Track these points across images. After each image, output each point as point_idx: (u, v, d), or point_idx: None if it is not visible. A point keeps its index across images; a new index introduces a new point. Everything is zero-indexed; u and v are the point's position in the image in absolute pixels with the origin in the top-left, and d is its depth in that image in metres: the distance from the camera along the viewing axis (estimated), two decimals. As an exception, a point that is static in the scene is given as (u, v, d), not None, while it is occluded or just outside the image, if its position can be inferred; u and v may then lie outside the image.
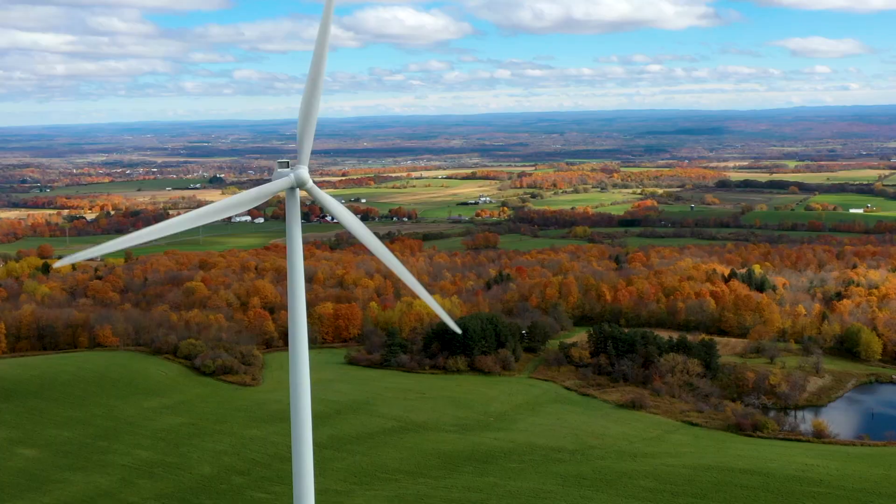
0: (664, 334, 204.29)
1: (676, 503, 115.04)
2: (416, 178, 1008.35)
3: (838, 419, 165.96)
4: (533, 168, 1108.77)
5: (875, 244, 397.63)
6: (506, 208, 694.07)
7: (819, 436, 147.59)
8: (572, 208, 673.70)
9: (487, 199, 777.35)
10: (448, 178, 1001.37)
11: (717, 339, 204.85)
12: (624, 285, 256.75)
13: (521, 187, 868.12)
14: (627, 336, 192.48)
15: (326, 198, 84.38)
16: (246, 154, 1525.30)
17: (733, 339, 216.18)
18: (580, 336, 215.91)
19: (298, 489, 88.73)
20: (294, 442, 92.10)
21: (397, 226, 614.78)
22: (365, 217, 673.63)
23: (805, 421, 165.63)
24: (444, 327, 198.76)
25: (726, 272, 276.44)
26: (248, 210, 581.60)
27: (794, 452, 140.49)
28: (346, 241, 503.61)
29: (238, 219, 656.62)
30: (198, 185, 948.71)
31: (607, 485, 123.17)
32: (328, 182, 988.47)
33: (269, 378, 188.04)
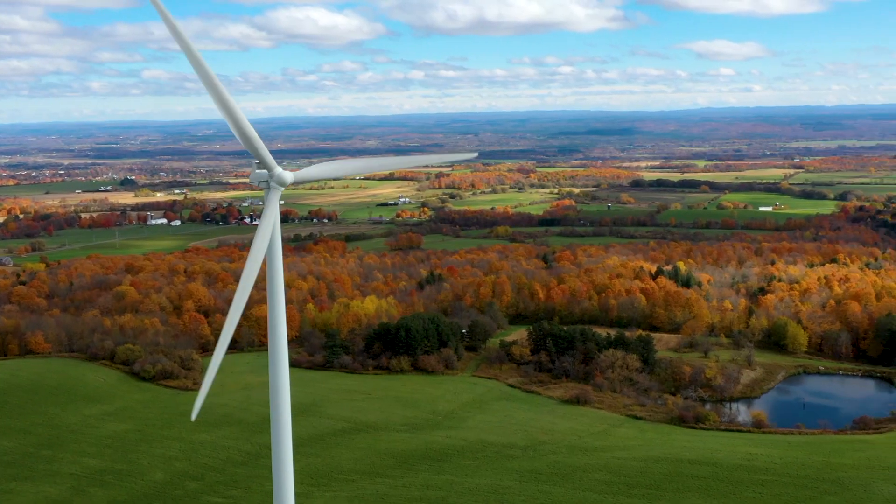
0: (599, 331, 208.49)
1: (632, 494, 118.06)
2: (335, 179, 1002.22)
3: (773, 409, 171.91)
4: (450, 169, 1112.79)
5: (787, 241, 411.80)
6: (426, 209, 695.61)
7: (759, 426, 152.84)
8: (492, 208, 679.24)
9: (407, 199, 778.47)
10: (366, 179, 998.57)
11: (651, 334, 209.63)
12: (556, 284, 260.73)
13: (440, 188, 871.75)
14: (567, 333, 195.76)
15: (311, 170, 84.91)
16: (157, 156, 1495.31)
17: (666, 335, 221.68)
18: (519, 334, 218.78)
19: (279, 492, 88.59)
20: (273, 445, 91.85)
21: (318, 227, 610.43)
22: (285, 218, 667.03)
23: (741, 412, 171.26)
24: (385, 328, 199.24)
25: (653, 269, 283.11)
26: (165, 213, 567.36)
27: (737, 442, 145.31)
28: (283, 240, 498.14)
29: (154, 221, 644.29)
30: (108, 188, 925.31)
31: (563, 479, 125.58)
32: (244, 183, 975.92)
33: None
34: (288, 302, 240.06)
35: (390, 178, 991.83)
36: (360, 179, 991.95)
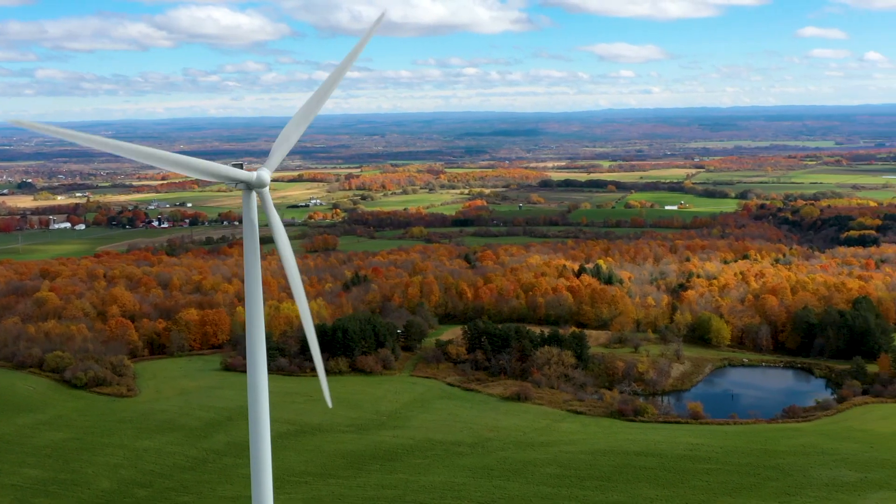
0: (532, 329, 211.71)
1: (584, 486, 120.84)
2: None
3: (704, 401, 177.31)
4: (359, 170, 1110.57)
5: (698, 238, 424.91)
6: (338, 210, 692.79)
7: (696, 417, 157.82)
8: (405, 209, 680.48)
9: (318, 201, 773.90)
10: (274, 180, 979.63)
11: (584, 331, 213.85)
12: (483, 283, 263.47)
13: (351, 189, 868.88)
14: (501, 332, 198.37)
15: (271, 207, 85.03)
16: (53, 157, 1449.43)
17: (595, 332, 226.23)
18: (452, 333, 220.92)
19: (257, 494, 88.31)
20: (252, 448, 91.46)
21: (229, 230, 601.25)
22: (194, 221, 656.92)
23: (673, 405, 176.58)
24: (322, 329, 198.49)
25: (575, 267, 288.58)
26: (68, 216, 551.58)
27: (677, 434, 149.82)
28: (180, 246, 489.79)
29: (57, 225, 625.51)
30: (5, 191, 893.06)
31: (515, 474, 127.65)
32: (148, 186, 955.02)
33: (145, 388, 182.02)
34: (215, 306, 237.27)
35: (299, 179, 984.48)
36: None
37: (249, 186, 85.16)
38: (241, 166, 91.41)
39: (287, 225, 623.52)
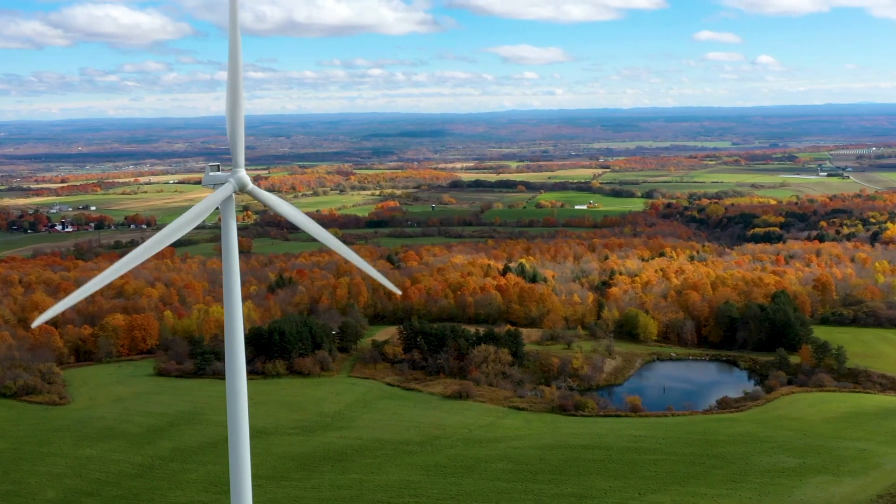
0: (466, 328, 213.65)
1: (538, 480, 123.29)
2: (147, 184, 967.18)
3: (637, 394, 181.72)
4: (266, 171, 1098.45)
5: (610, 237, 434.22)
6: (249, 212, 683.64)
7: (635, 410, 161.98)
8: (317, 211, 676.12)
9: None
10: (181, 182, 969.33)
11: (519, 329, 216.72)
12: (410, 284, 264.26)
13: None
14: (437, 331, 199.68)
15: (268, 196, 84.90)
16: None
17: (526, 329, 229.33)
18: (384, 334, 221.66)
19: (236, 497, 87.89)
20: (231, 453, 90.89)
21: (137, 233, 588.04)
22: (100, 225, 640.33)
23: (608, 399, 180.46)
24: (258, 332, 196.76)
25: (500, 266, 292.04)
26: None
27: (619, 427, 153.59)
28: (89, 250, 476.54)
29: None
30: None
31: (468, 471, 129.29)
32: (48, 189, 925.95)
33: (77, 395, 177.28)
34: (140, 311, 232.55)
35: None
36: (174, 184, 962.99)
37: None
38: (217, 168, 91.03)
39: (198, 228, 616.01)
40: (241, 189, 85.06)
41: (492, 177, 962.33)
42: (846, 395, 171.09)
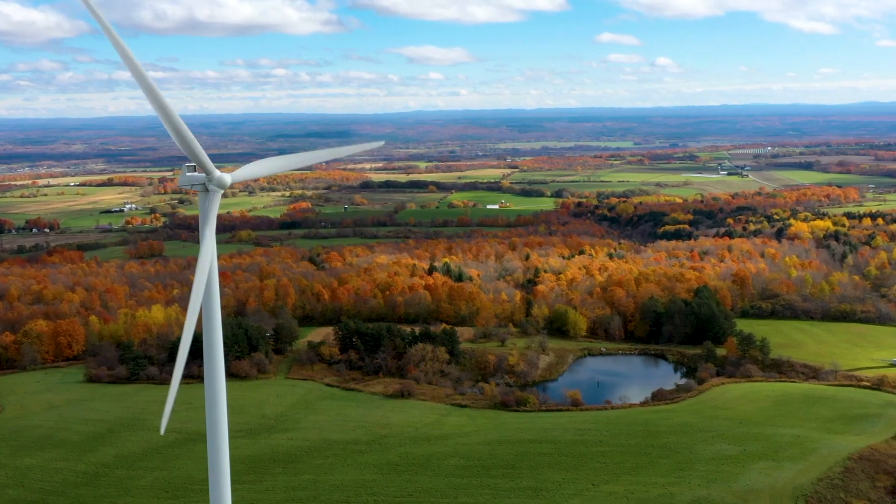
0: (401, 328, 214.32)
1: (492, 475, 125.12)
2: (46, 186, 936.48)
3: (572, 389, 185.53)
4: (171, 173, 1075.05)
5: (528, 235, 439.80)
6: (158, 215, 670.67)
7: (575, 404, 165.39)
8: (228, 212, 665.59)
9: (133, 206, 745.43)
10: (82, 185, 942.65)
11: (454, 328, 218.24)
12: (338, 284, 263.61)
13: (167, 193, 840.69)
14: (373, 331, 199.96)
15: (250, 169, 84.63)
16: None
17: (459, 328, 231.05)
18: (315, 334, 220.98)
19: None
20: (210, 456, 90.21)
21: (40, 237, 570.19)
22: (0, 229, 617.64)
23: (546, 394, 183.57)
24: (194, 335, 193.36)
25: (426, 266, 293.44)
26: None
27: (562, 421, 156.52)
28: (7, 252, 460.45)
29: None
30: None
31: (421, 468, 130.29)
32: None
33: (7, 404, 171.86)
34: (61, 316, 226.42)
35: (109, 183, 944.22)
36: (76, 186, 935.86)
37: (206, 187, 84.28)
38: (194, 168, 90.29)
39: (103, 231, 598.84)
40: (223, 187, 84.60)
41: (402, 177, 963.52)
42: (773, 385, 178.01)
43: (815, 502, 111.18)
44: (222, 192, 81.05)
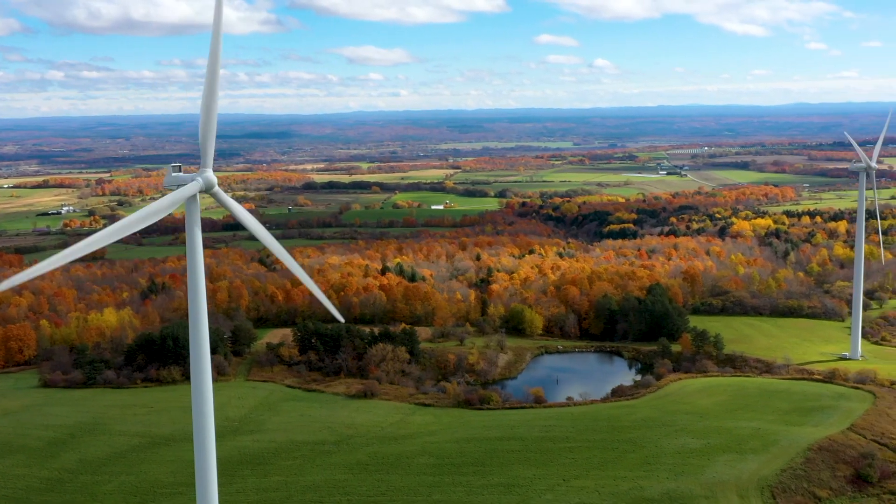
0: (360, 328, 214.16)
1: (463, 472, 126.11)
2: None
3: (532, 387, 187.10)
4: (108, 174, 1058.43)
5: (476, 235, 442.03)
6: (97, 217, 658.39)
7: (538, 401, 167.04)
8: (170, 214, 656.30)
9: (70, 208, 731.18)
10: (16, 187, 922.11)
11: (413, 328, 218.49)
12: (291, 286, 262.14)
13: (105, 195, 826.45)
14: (333, 331, 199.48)
15: (233, 204, 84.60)
16: None
17: (417, 327, 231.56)
18: (271, 336, 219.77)
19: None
20: (197, 457, 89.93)
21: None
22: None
23: (506, 392, 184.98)
24: (149, 338, 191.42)
25: (378, 267, 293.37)
26: None
27: (527, 418, 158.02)
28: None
29: None
30: None
31: (392, 467, 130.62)
32: None
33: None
34: (9, 321, 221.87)
35: (45, 185, 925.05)
36: (9, 188, 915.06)
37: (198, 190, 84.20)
38: (179, 168, 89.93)
39: (41, 234, 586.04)
40: (208, 189, 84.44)
41: (345, 178, 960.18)
42: (729, 379, 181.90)
43: (780, 493, 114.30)
44: (200, 189, 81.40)
